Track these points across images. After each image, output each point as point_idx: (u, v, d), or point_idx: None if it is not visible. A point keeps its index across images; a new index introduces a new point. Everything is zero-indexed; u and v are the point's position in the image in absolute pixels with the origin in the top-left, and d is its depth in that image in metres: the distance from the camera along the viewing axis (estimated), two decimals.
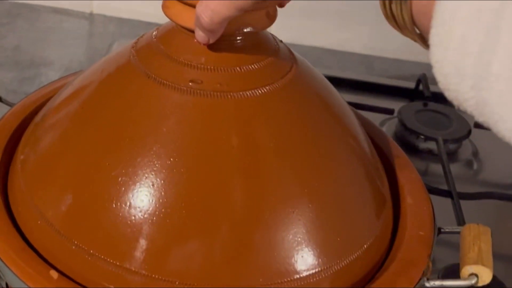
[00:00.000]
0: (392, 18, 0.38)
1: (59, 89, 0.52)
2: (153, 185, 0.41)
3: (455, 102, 0.34)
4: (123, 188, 0.41)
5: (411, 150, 0.71)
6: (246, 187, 0.42)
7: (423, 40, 0.37)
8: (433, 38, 0.33)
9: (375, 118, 0.73)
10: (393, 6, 0.37)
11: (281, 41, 0.48)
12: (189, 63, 0.44)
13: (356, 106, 0.71)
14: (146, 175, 0.41)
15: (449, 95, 0.34)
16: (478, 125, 0.68)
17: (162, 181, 0.41)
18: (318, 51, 0.90)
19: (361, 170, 0.47)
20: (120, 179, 0.41)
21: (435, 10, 0.33)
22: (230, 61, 0.44)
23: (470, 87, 0.32)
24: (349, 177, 0.46)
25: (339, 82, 0.80)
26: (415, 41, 0.38)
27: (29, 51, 0.83)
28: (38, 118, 0.51)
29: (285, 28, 0.90)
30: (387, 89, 0.81)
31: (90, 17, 0.92)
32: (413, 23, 0.37)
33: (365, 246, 0.44)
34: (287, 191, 0.42)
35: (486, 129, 0.34)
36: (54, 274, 0.41)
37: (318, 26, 0.90)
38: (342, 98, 0.51)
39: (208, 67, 0.43)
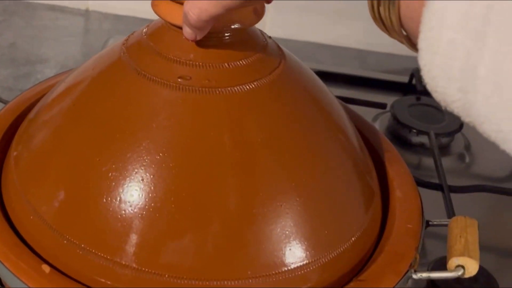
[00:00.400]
0: (380, 20, 0.39)
1: (53, 87, 0.53)
2: (142, 180, 0.41)
3: (442, 103, 0.35)
4: (114, 183, 0.42)
5: (404, 144, 0.72)
6: (234, 181, 0.42)
7: (410, 42, 0.38)
8: (421, 43, 0.34)
9: (368, 112, 0.74)
10: (381, 8, 0.38)
11: (269, 37, 0.49)
12: (178, 59, 0.44)
13: (349, 100, 0.72)
14: (136, 170, 0.42)
15: (437, 96, 0.35)
16: None
17: (152, 176, 0.41)
18: (312, 46, 0.91)
19: (350, 164, 0.48)
20: (110, 174, 0.42)
21: (423, 16, 0.34)
22: (218, 57, 0.44)
23: (457, 89, 0.33)
24: (337, 171, 0.46)
25: (333, 77, 0.80)
26: (402, 43, 0.39)
27: (24, 48, 0.84)
28: (31, 114, 0.51)
29: (280, 23, 0.91)
30: (381, 83, 0.81)
31: (86, 14, 0.93)
32: (401, 26, 0.37)
33: (353, 239, 0.45)
34: (275, 185, 0.43)
35: None
36: (46, 268, 0.42)
37: (312, 22, 0.91)
38: (331, 93, 0.52)
39: (197, 63, 0.44)
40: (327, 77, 0.79)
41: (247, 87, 0.44)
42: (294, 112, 0.45)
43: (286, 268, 0.42)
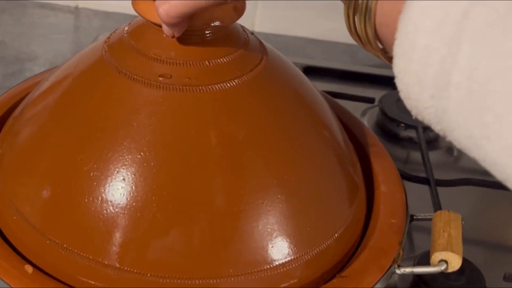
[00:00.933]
0: (355, 33, 0.39)
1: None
2: (124, 179, 0.41)
3: (414, 111, 0.35)
4: (95, 183, 0.42)
5: (393, 138, 0.72)
6: (216, 180, 0.42)
7: (385, 56, 0.38)
8: (396, 49, 0.34)
9: (357, 107, 0.73)
10: (357, 20, 0.38)
11: (252, 33, 0.49)
12: (158, 57, 0.44)
13: (338, 95, 0.72)
14: (117, 169, 0.42)
15: (410, 103, 0.35)
16: None
17: (133, 176, 0.41)
18: (302, 41, 0.90)
19: (333, 158, 0.48)
20: (92, 174, 0.42)
21: (399, 22, 0.34)
22: (199, 55, 0.44)
23: (430, 96, 0.33)
24: (321, 166, 0.46)
25: (322, 72, 0.80)
26: (377, 56, 0.39)
27: (14, 46, 0.84)
28: (16, 112, 0.51)
29: (269, 19, 0.91)
30: (370, 77, 0.81)
31: (76, 11, 0.92)
32: (376, 37, 0.37)
33: (336, 235, 0.45)
34: (256, 182, 0.43)
35: None
36: (29, 268, 0.42)
37: (301, 17, 0.91)
38: (315, 88, 0.52)
39: (177, 61, 0.44)
40: (316, 72, 0.80)
41: (228, 84, 0.44)
42: (276, 108, 0.45)
43: (268, 266, 0.42)
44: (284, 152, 0.44)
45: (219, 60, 0.44)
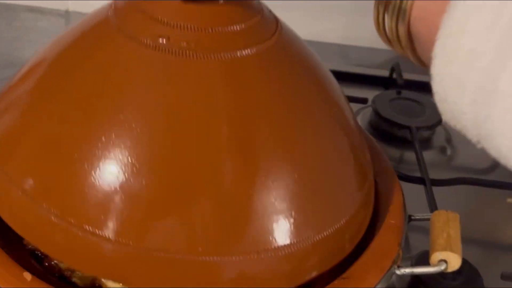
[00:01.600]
0: (383, 30, 0.37)
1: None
2: (121, 153, 0.40)
3: (448, 115, 0.33)
4: (89, 155, 0.40)
5: (386, 138, 0.72)
6: (217, 157, 0.40)
7: (414, 54, 0.36)
8: (437, 50, 0.32)
9: None
10: (387, 17, 0.36)
11: (270, 10, 0.47)
12: (161, 18, 0.42)
13: None
14: (110, 139, 0.40)
15: (444, 107, 0.33)
16: None
17: (127, 149, 0.39)
18: None
19: (345, 139, 0.46)
20: (85, 145, 0.40)
21: (442, 22, 0.32)
22: (204, 21, 0.42)
23: (471, 101, 0.32)
24: (332, 146, 0.45)
25: None
26: (405, 55, 0.36)
27: (5, 51, 0.83)
28: (6, 87, 0.49)
29: None
30: (362, 78, 0.81)
31: (66, 15, 0.92)
32: (408, 36, 0.35)
33: (344, 219, 0.44)
34: (259, 162, 0.41)
35: None
36: (27, 276, 0.41)
37: (293, 18, 0.90)
38: (325, 66, 0.50)
39: (179, 24, 0.42)
40: None
41: (229, 55, 0.41)
42: (285, 84, 0.43)
43: (272, 246, 0.40)
44: (295, 130, 0.42)
45: (225, 28, 0.42)
